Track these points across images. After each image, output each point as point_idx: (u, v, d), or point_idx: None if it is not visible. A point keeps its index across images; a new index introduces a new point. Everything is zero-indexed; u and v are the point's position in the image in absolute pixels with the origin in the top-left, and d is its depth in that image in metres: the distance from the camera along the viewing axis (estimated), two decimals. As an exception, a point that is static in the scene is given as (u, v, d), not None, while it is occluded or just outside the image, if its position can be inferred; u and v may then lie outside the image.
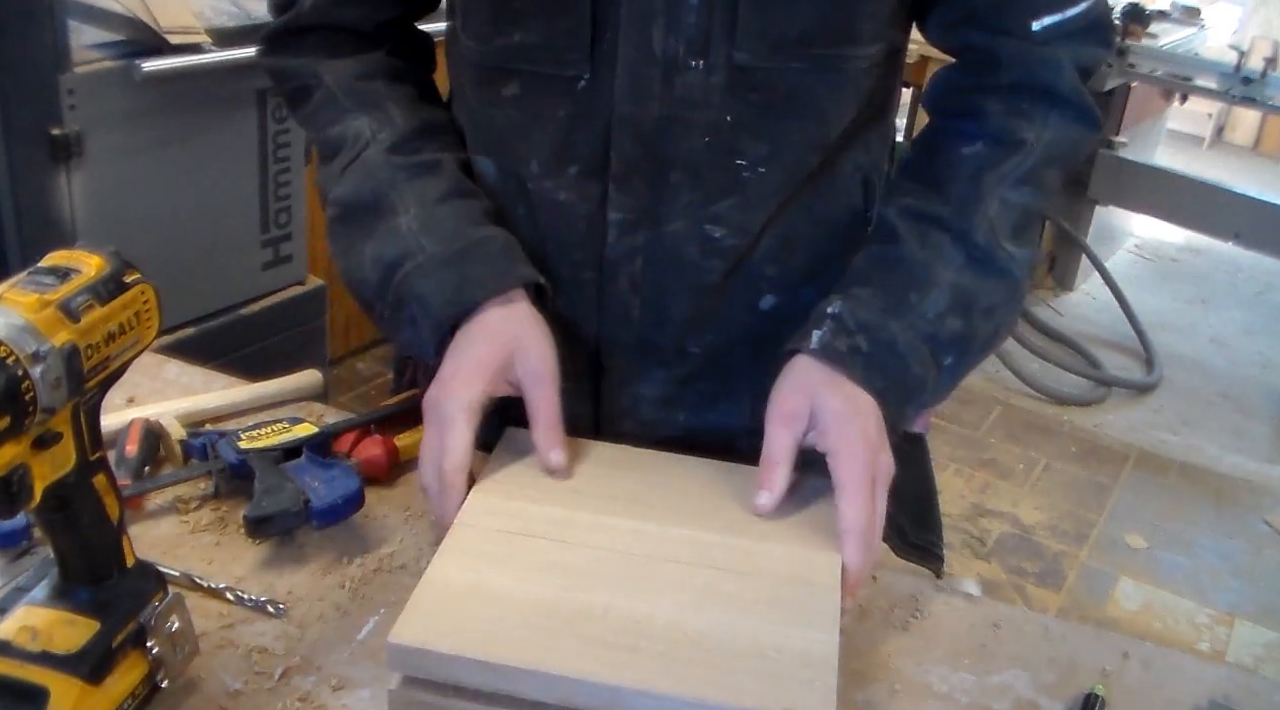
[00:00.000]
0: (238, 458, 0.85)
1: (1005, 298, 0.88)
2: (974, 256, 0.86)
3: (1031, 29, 0.86)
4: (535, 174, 0.89)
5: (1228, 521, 2.94)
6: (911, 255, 0.86)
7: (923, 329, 0.84)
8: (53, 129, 1.88)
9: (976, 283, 0.86)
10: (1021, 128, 0.87)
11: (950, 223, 0.86)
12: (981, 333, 0.87)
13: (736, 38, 0.82)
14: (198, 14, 2.05)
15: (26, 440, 0.58)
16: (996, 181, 0.87)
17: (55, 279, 0.59)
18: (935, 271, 0.85)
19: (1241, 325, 4.08)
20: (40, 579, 0.67)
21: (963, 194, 0.87)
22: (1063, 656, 0.81)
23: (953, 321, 0.85)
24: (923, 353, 0.84)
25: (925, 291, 0.85)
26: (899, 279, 0.85)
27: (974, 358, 0.88)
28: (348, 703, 0.70)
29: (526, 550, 0.74)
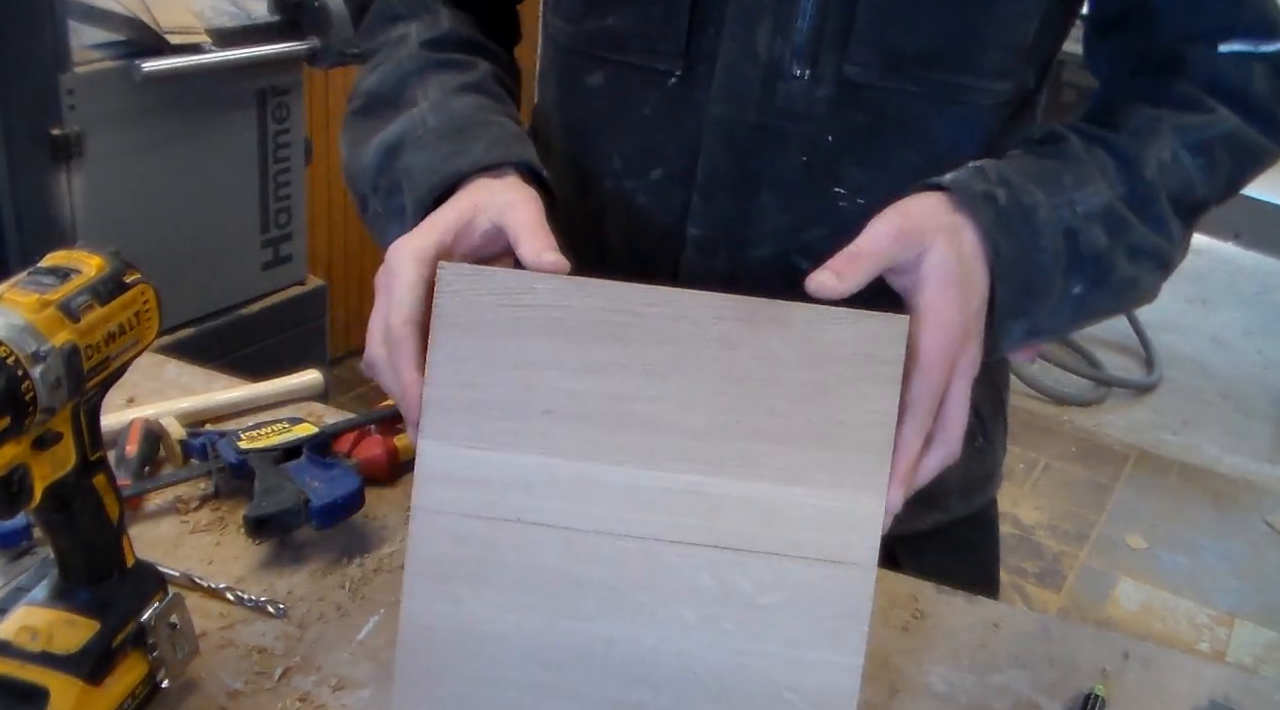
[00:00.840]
0: (238, 458, 0.85)
1: (1155, 254, 0.77)
2: (1136, 190, 0.75)
3: (1219, 50, 0.79)
4: (617, 171, 0.84)
5: (1228, 521, 2.94)
6: (1075, 153, 0.75)
7: (1067, 218, 0.72)
8: (53, 129, 1.88)
9: (1132, 215, 0.75)
10: (1211, 102, 0.79)
11: (1120, 149, 0.76)
12: (1120, 273, 0.75)
13: (849, 49, 0.76)
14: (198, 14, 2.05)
15: (26, 440, 0.58)
16: (1176, 131, 0.77)
17: (55, 279, 0.59)
18: (1095, 175, 0.75)
19: (1241, 325, 4.08)
20: (40, 579, 0.67)
21: (1138, 127, 0.77)
22: (1063, 656, 0.81)
23: (1097, 233, 0.73)
24: (1059, 245, 0.72)
25: (1082, 184, 0.74)
26: (1056, 163, 0.74)
27: (1102, 301, 0.76)
28: (348, 703, 0.70)
29: (497, 552, 0.64)
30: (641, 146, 0.82)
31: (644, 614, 0.63)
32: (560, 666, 0.62)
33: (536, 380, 0.64)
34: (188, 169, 2.12)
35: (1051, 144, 0.76)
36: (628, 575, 0.63)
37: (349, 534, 0.84)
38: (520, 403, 0.64)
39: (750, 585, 0.63)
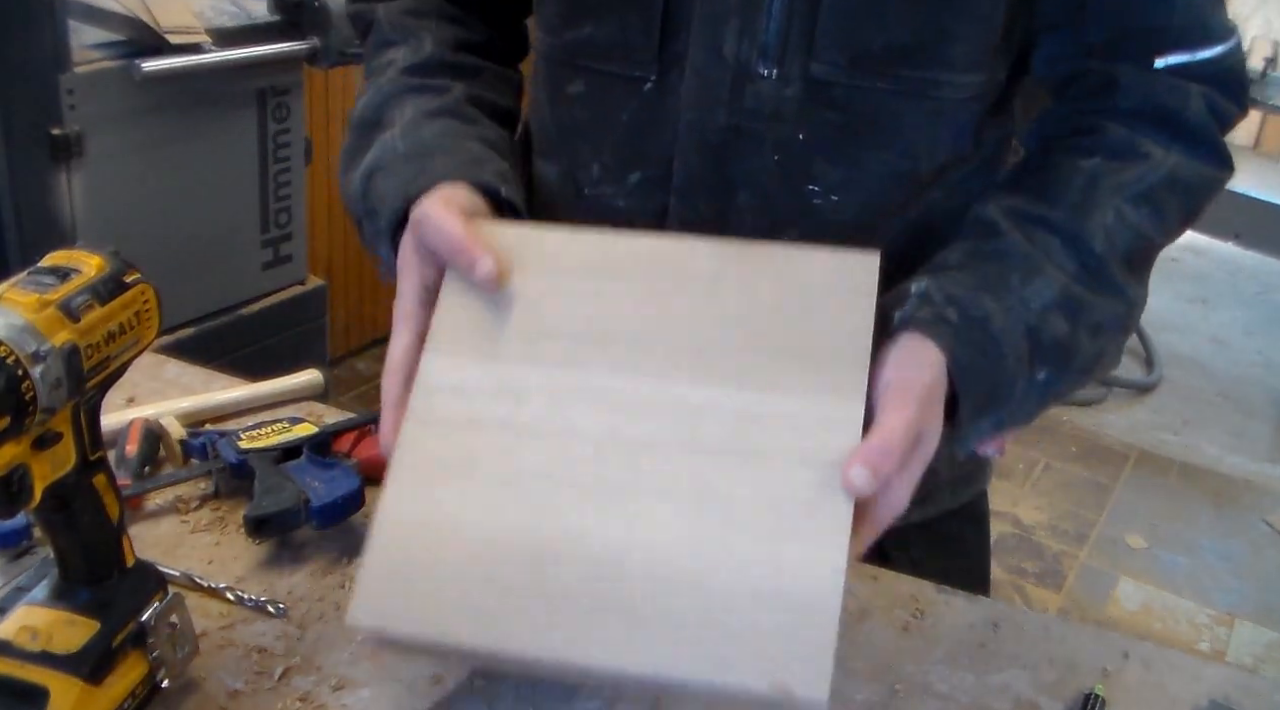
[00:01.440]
0: (238, 458, 0.85)
1: (1116, 322, 0.76)
2: (1087, 266, 0.74)
3: (1154, 65, 0.77)
4: (595, 178, 0.85)
5: (1228, 521, 2.94)
6: (1015, 247, 0.73)
7: (1023, 317, 0.71)
8: (53, 129, 1.88)
9: (1087, 293, 0.73)
10: (1144, 144, 0.77)
11: (1061, 226, 0.74)
12: (1085, 352, 0.74)
13: (815, 47, 0.76)
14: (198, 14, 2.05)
15: (26, 440, 0.58)
16: (1114, 191, 0.75)
17: (55, 279, 0.59)
18: (1042, 264, 0.73)
19: (1241, 325, 4.08)
20: (40, 579, 0.67)
21: (1076, 200, 0.75)
22: (1063, 656, 0.81)
23: (1057, 322, 0.72)
24: (1020, 346, 0.70)
25: (1029, 279, 0.72)
26: (999, 265, 0.73)
27: (1069, 381, 0.75)
28: (348, 703, 0.70)
29: (482, 455, 0.65)
30: (620, 152, 0.84)
31: (619, 510, 0.63)
32: (530, 562, 0.61)
33: (536, 308, 0.69)
34: (188, 169, 2.12)
35: (989, 240, 0.74)
36: (607, 477, 0.64)
37: (349, 534, 0.84)
38: (518, 326, 0.69)
39: (728, 485, 0.63)
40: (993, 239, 0.74)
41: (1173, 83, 0.77)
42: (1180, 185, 0.77)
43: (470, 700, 0.71)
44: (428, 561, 0.63)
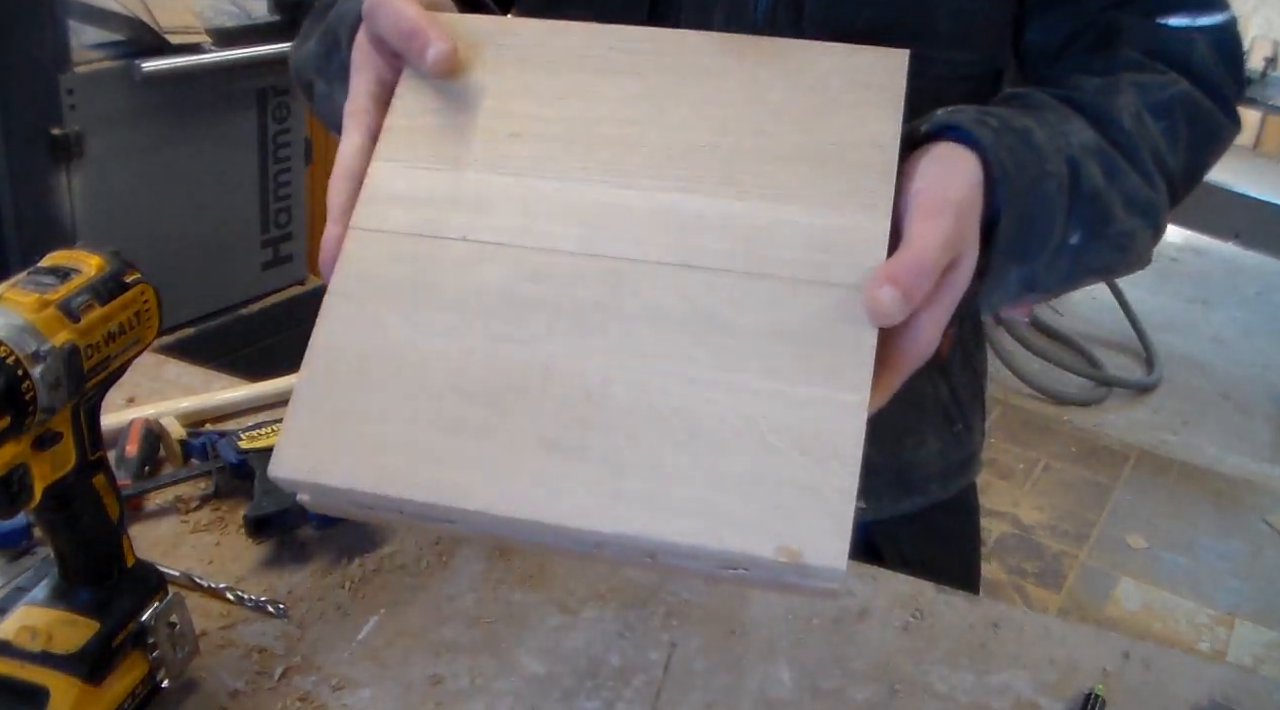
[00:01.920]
0: (238, 458, 0.85)
1: (1148, 206, 0.69)
2: (1119, 142, 0.68)
3: (1155, 20, 0.76)
4: None
5: (1228, 521, 2.94)
6: (1045, 99, 0.68)
7: (1064, 147, 0.64)
8: (53, 129, 1.88)
9: (1121, 160, 0.68)
10: (1158, 65, 0.73)
11: (1090, 105, 0.69)
12: (1118, 223, 0.67)
13: (803, 26, 0.76)
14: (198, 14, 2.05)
15: (26, 440, 0.58)
16: (1137, 89, 0.71)
17: (55, 279, 0.59)
18: (1075, 117, 0.67)
19: (1241, 325, 4.08)
20: (40, 579, 0.67)
21: (1098, 86, 0.71)
22: (1063, 656, 0.81)
23: (1095, 171, 0.65)
24: (1062, 171, 0.63)
25: (1065, 119, 0.66)
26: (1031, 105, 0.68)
27: (1099, 254, 0.68)
28: (348, 703, 0.70)
29: (438, 274, 0.55)
30: None
31: (599, 339, 0.52)
32: (492, 400, 0.51)
33: (506, 107, 0.59)
34: (188, 169, 2.12)
35: (1013, 98, 0.69)
36: (582, 295, 0.53)
37: (349, 534, 0.84)
38: (485, 127, 0.58)
39: (726, 308, 0.52)
40: (1017, 97, 0.69)
41: (1177, 31, 0.75)
42: (1194, 112, 0.73)
43: (470, 700, 0.71)
44: (368, 399, 0.52)
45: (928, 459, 0.96)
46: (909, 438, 0.94)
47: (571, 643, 0.76)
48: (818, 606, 0.82)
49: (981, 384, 1.01)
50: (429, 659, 0.74)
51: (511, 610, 0.79)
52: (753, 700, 0.73)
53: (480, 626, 0.77)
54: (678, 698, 0.73)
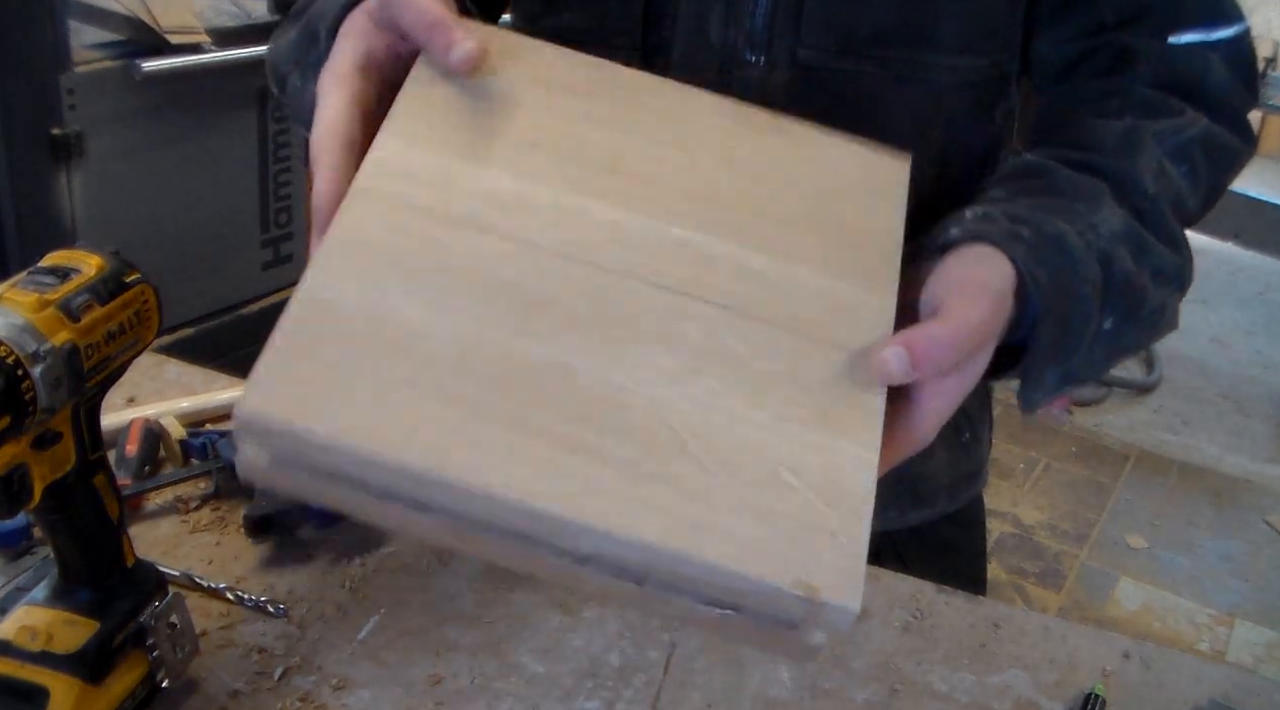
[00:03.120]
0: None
1: (1175, 271, 0.68)
2: (1143, 210, 0.67)
3: (1169, 42, 0.74)
4: None
5: (1228, 521, 2.94)
6: (1069, 181, 0.67)
7: (1094, 242, 0.63)
8: (53, 129, 1.88)
9: (1148, 234, 0.67)
10: (1174, 101, 0.72)
11: (1110, 170, 0.68)
12: (1150, 299, 0.67)
13: (802, 32, 0.74)
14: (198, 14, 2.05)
15: (26, 440, 0.58)
16: (1156, 139, 0.70)
17: (55, 279, 0.59)
18: (1102, 197, 0.66)
19: (1241, 325, 4.08)
20: (40, 579, 0.67)
21: (1119, 146, 0.69)
22: (1063, 656, 0.81)
23: (1125, 256, 0.64)
24: (1094, 273, 0.62)
25: (1094, 208, 0.65)
26: (1057, 195, 0.66)
27: (1133, 335, 0.68)
28: (348, 703, 0.70)
29: (448, 254, 0.51)
30: None
31: (613, 349, 0.50)
32: (500, 383, 0.48)
33: (527, 117, 0.57)
34: (188, 169, 2.12)
35: (1036, 177, 0.68)
36: (599, 307, 0.52)
37: (349, 534, 0.84)
38: (504, 131, 0.56)
39: (740, 347, 0.52)
40: (1040, 177, 0.68)
41: (1191, 51, 0.74)
42: (1213, 147, 0.73)
43: (470, 700, 0.71)
44: (360, 357, 0.47)
45: (937, 471, 0.95)
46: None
47: (571, 643, 0.76)
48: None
49: (989, 394, 1.01)
50: (429, 659, 0.74)
51: (511, 610, 0.78)
52: (753, 700, 0.73)
53: (480, 626, 0.77)
54: (678, 698, 0.73)
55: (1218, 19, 0.76)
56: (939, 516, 0.97)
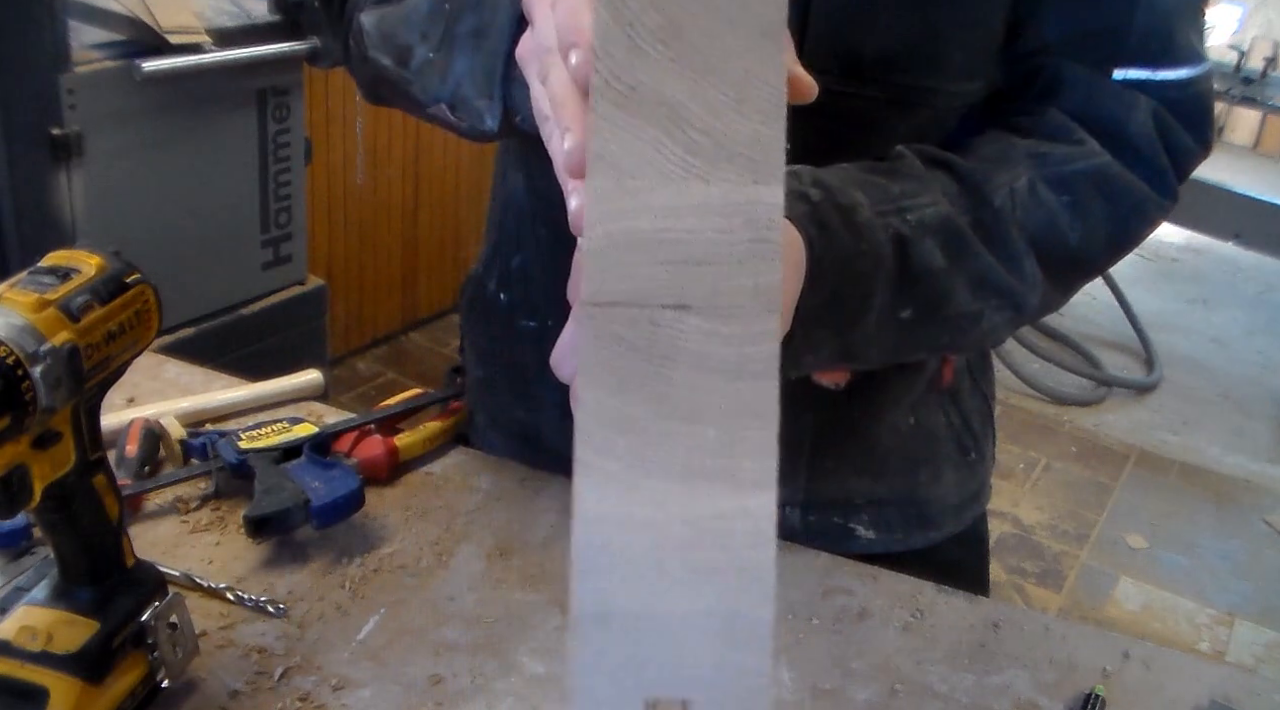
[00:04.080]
0: (238, 458, 0.85)
1: (1006, 290, 0.70)
2: (982, 219, 0.68)
3: (1110, 72, 0.74)
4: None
5: (1228, 521, 2.94)
6: (910, 167, 0.68)
7: (895, 225, 0.64)
8: (53, 129, 1.88)
9: (975, 240, 0.68)
10: (1080, 133, 0.73)
11: (965, 173, 0.69)
12: (960, 304, 0.67)
13: (805, 53, 0.70)
14: (198, 14, 2.05)
15: (26, 440, 0.58)
16: (1035, 158, 0.71)
17: (55, 279, 0.59)
18: (933, 189, 0.67)
19: (1241, 325, 4.08)
20: (40, 579, 0.67)
21: (989, 155, 0.71)
22: (1063, 656, 0.81)
23: (933, 250, 0.65)
24: (883, 252, 0.63)
25: (914, 193, 0.66)
26: (884, 176, 0.67)
27: (937, 333, 0.69)
28: (348, 703, 0.70)
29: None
30: None
31: None
32: None
33: None
34: (188, 169, 2.12)
35: (889, 160, 0.69)
36: None
37: (349, 534, 0.84)
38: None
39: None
40: (893, 160, 0.69)
41: (1120, 91, 0.74)
42: (1109, 187, 0.73)
43: (470, 700, 0.71)
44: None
45: (945, 493, 0.94)
46: (924, 471, 0.92)
47: (571, 643, 0.76)
48: (818, 606, 0.82)
49: (990, 408, 1.00)
50: (429, 659, 0.74)
51: (511, 610, 0.79)
52: (753, 700, 0.73)
53: (480, 626, 0.77)
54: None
55: (1165, 59, 0.75)
56: (944, 538, 0.97)
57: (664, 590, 0.36)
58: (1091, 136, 0.73)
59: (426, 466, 0.93)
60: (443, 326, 3.29)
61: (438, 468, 0.93)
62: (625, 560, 0.36)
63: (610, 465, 0.37)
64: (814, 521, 0.90)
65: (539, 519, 0.88)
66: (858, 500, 0.90)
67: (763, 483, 0.37)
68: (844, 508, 0.90)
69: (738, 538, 0.36)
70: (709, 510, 0.36)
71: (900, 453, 0.90)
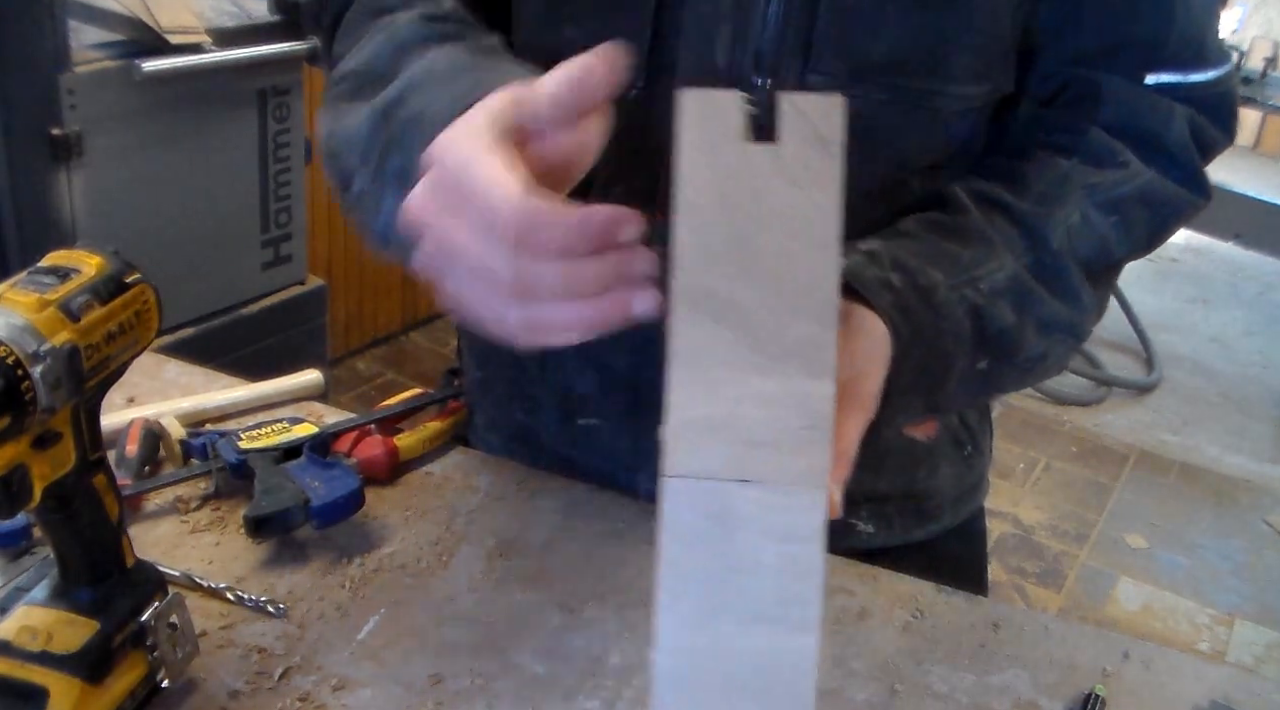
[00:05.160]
0: (238, 458, 0.85)
1: (1066, 325, 0.74)
2: (1042, 261, 0.73)
3: (1144, 81, 0.77)
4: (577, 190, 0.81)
5: (1228, 521, 2.94)
6: (973, 225, 0.73)
7: (970, 297, 0.69)
8: (53, 129, 1.88)
9: (1039, 288, 0.73)
10: (1124, 153, 0.76)
11: (1024, 217, 0.74)
12: (1029, 348, 0.73)
13: (811, 56, 0.73)
14: (198, 14, 2.05)
15: (26, 440, 0.58)
16: (1086, 192, 0.75)
17: (55, 279, 0.59)
18: (998, 248, 0.72)
19: (1241, 325, 4.08)
20: (40, 579, 0.67)
21: (1045, 192, 0.75)
22: (1063, 656, 0.81)
23: (1005, 311, 0.71)
24: (962, 327, 0.69)
25: (983, 260, 0.71)
26: (952, 241, 0.72)
27: (1010, 376, 0.74)
28: (348, 703, 0.70)
29: None
30: (602, 164, 0.81)
31: None
32: None
33: None
34: (188, 169, 2.12)
35: (948, 214, 0.73)
36: None
37: (349, 534, 0.84)
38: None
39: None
40: (953, 214, 0.73)
41: (1157, 101, 0.77)
42: (1153, 202, 0.77)
43: (470, 700, 0.71)
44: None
45: (942, 486, 0.95)
46: (922, 466, 0.93)
47: (571, 643, 0.76)
48: (818, 606, 0.82)
49: (987, 404, 1.01)
50: (429, 659, 0.74)
51: (511, 610, 0.79)
52: (753, 700, 0.73)
53: (480, 626, 0.77)
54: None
55: (1197, 63, 0.77)
56: (943, 531, 0.97)
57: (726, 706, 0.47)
58: (1130, 146, 0.77)
59: (426, 466, 0.93)
60: (443, 326, 3.29)
61: (438, 468, 0.93)
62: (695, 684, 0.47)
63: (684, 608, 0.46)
64: None
65: (539, 519, 0.88)
66: (858, 496, 0.90)
67: (806, 627, 0.47)
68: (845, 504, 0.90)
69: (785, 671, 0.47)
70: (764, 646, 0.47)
71: (899, 449, 0.91)
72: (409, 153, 0.62)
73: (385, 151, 0.66)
